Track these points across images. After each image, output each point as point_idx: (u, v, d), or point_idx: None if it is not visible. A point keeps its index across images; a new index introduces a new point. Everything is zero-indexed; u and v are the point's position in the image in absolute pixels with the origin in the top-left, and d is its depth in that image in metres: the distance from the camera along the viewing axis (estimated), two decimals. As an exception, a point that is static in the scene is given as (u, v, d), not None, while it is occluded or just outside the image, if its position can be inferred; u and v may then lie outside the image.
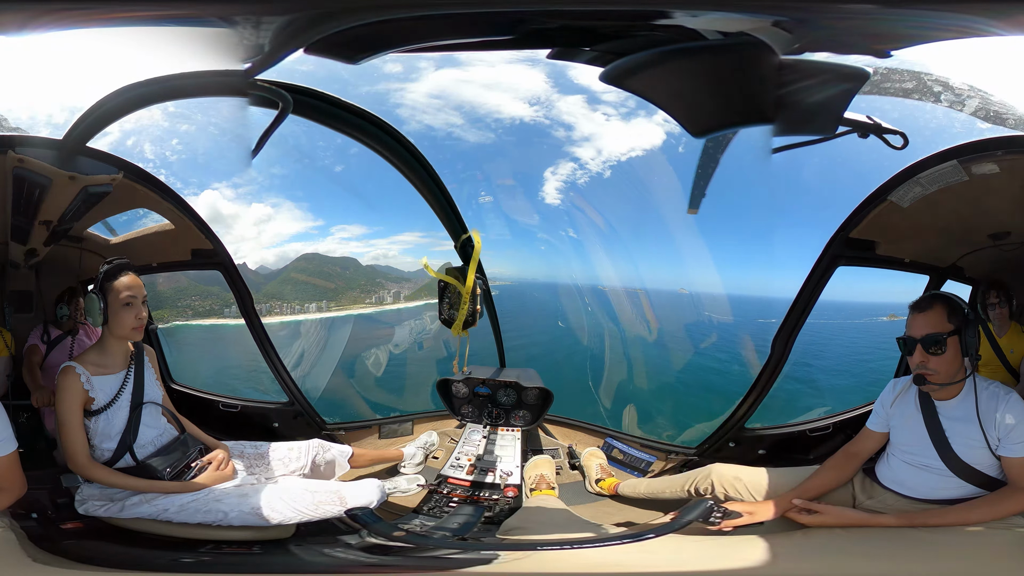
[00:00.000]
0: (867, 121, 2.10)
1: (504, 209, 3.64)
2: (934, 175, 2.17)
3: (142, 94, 2.18)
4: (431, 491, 2.58)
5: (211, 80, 2.12)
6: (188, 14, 1.78)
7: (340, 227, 3.97)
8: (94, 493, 1.96)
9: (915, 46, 1.80)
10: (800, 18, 1.56)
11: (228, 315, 3.32)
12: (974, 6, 1.58)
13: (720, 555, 1.76)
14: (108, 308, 1.97)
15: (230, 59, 1.95)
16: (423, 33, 1.86)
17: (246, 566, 1.89)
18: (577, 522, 2.21)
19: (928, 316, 1.81)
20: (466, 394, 3.17)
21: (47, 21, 1.70)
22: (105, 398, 1.98)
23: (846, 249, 2.46)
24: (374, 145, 2.78)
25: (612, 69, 1.86)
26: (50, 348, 2.69)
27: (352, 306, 4.56)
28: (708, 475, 2.19)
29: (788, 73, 1.77)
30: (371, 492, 2.08)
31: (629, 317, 3.67)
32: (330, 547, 1.94)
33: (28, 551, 1.71)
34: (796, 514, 1.91)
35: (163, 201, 2.66)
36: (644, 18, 1.71)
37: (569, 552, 1.80)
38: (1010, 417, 1.75)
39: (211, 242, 2.82)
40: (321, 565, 1.89)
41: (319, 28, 1.72)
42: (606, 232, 3.53)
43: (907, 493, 1.90)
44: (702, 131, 2.11)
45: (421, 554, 1.96)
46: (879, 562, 1.66)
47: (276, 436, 2.90)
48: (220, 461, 2.10)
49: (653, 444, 3.03)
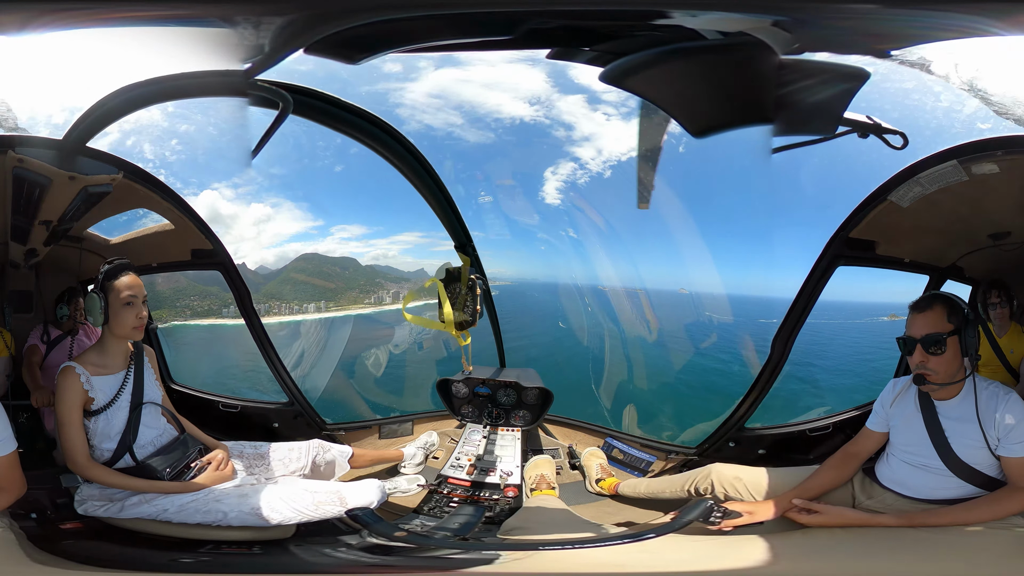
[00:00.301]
0: (867, 121, 2.10)
1: (504, 209, 3.65)
2: (934, 175, 2.17)
3: (142, 94, 2.19)
4: (431, 491, 2.59)
5: (211, 80, 2.13)
6: (188, 14, 1.79)
7: (340, 227, 3.98)
8: (93, 493, 1.97)
9: (915, 46, 1.80)
10: (799, 18, 1.57)
11: (227, 315, 3.32)
12: (974, 6, 1.58)
13: (720, 555, 1.77)
14: (109, 308, 1.98)
15: (230, 59, 1.96)
16: (423, 33, 1.87)
17: (246, 566, 1.89)
18: (578, 522, 2.21)
19: (928, 316, 1.82)
20: (466, 394, 3.17)
21: (47, 21, 1.71)
22: (105, 398, 1.98)
23: (846, 249, 2.46)
24: (374, 145, 2.78)
25: (612, 69, 1.87)
26: (50, 348, 2.69)
27: (351, 306, 4.55)
28: (708, 475, 2.19)
29: (788, 73, 1.78)
30: (371, 492, 2.08)
31: (629, 317, 3.67)
32: (331, 547, 1.94)
33: (27, 551, 1.71)
34: (796, 514, 1.92)
35: (163, 201, 2.66)
36: (643, 18, 1.72)
37: (570, 552, 1.80)
38: (1010, 417, 1.75)
39: (211, 242, 2.82)
40: (322, 565, 1.89)
41: (319, 28, 1.73)
42: (606, 232, 3.54)
43: (907, 493, 1.90)
44: (702, 131, 2.11)
45: (422, 554, 1.97)
46: (879, 562, 1.67)
47: (276, 436, 2.91)
48: (220, 461, 2.10)
49: (653, 444, 3.03)
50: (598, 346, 3.81)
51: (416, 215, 3.40)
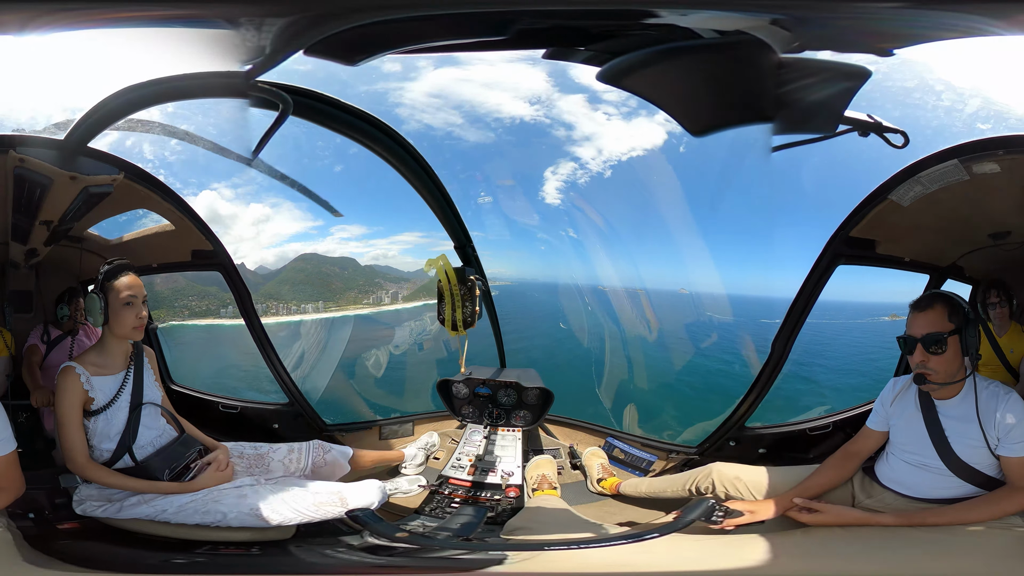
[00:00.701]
0: (868, 120, 2.11)
1: (504, 209, 3.64)
2: (935, 174, 2.18)
3: (143, 95, 2.19)
4: (432, 492, 2.59)
5: (212, 81, 2.13)
6: (189, 15, 1.79)
7: (340, 227, 3.97)
8: (92, 494, 1.97)
9: (916, 45, 1.81)
10: (799, 16, 1.57)
11: (225, 315, 3.32)
12: (975, 6, 1.59)
13: (722, 554, 1.77)
14: (109, 308, 1.98)
15: (231, 61, 1.96)
16: (421, 34, 1.88)
17: (245, 567, 1.89)
18: (580, 522, 2.22)
19: (929, 315, 1.82)
20: (467, 394, 3.17)
21: (48, 21, 1.71)
22: (105, 398, 1.99)
23: (846, 248, 2.47)
24: (373, 146, 2.78)
25: (609, 68, 1.87)
26: (50, 348, 2.70)
27: (349, 307, 4.55)
28: (709, 474, 2.20)
29: (788, 72, 1.78)
30: (372, 493, 2.09)
31: (630, 317, 3.68)
32: (331, 548, 1.94)
33: (23, 552, 1.71)
34: (796, 513, 1.92)
35: (163, 202, 2.67)
36: (639, 17, 1.72)
37: (574, 552, 1.80)
38: (1010, 417, 1.76)
39: (211, 243, 2.83)
40: (322, 566, 1.90)
41: (318, 29, 1.73)
42: (606, 232, 3.54)
43: (906, 492, 1.91)
44: (701, 130, 2.11)
45: (425, 555, 1.97)
46: (879, 561, 1.67)
47: (276, 437, 2.92)
48: (219, 462, 2.10)
49: (654, 443, 3.04)
50: (599, 347, 3.81)
51: (416, 215, 3.41)
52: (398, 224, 4.02)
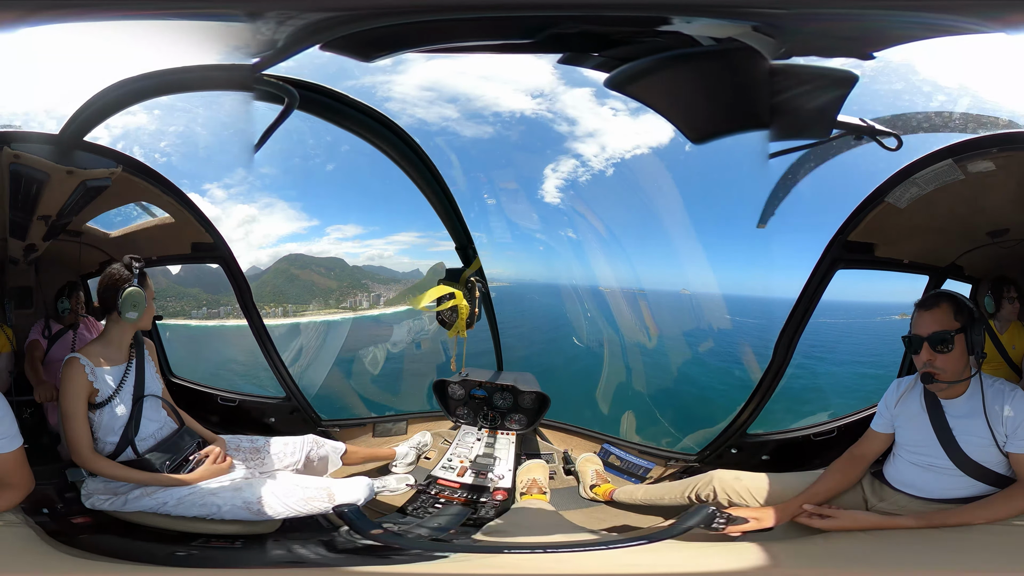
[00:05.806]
0: (861, 124, 2.18)
1: (505, 211, 3.71)
2: (930, 175, 2.23)
3: (142, 87, 2.26)
4: (419, 491, 2.64)
5: (216, 74, 2.20)
6: (197, 9, 1.90)
7: (335, 227, 4.03)
8: (99, 487, 2.08)
9: (901, 44, 1.87)
10: (778, 24, 1.65)
11: (198, 316, 3.43)
12: (964, 5, 1.66)
13: (724, 562, 1.78)
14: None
15: (239, 54, 2.04)
16: (440, 34, 1.96)
17: (226, 560, 1.97)
18: (563, 526, 2.26)
19: (935, 314, 1.88)
20: (462, 396, 3.22)
21: (47, 13, 1.81)
22: (108, 390, 2.07)
23: (845, 252, 2.52)
24: (377, 142, 2.88)
25: (616, 75, 1.95)
26: (51, 343, 2.78)
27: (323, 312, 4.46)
28: (710, 481, 2.22)
29: (780, 78, 1.86)
30: (359, 490, 2.18)
31: (631, 320, 3.73)
32: (311, 543, 2.01)
33: (50, 546, 1.80)
34: (808, 519, 1.94)
35: (163, 195, 2.74)
36: (649, 24, 1.80)
37: (546, 556, 1.82)
38: (1017, 413, 1.81)
39: (211, 236, 2.90)
40: (298, 560, 1.96)
41: (340, 28, 1.81)
42: (606, 232, 3.61)
43: (918, 494, 1.95)
44: (700, 137, 2.20)
45: (397, 554, 2.00)
46: (911, 565, 1.68)
47: (272, 431, 2.97)
48: (216, 455, 2.21)
49: (652, 450, 3.06)
50: (599, 350, 3.85)
51: (413, 215, 3.49)
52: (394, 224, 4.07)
